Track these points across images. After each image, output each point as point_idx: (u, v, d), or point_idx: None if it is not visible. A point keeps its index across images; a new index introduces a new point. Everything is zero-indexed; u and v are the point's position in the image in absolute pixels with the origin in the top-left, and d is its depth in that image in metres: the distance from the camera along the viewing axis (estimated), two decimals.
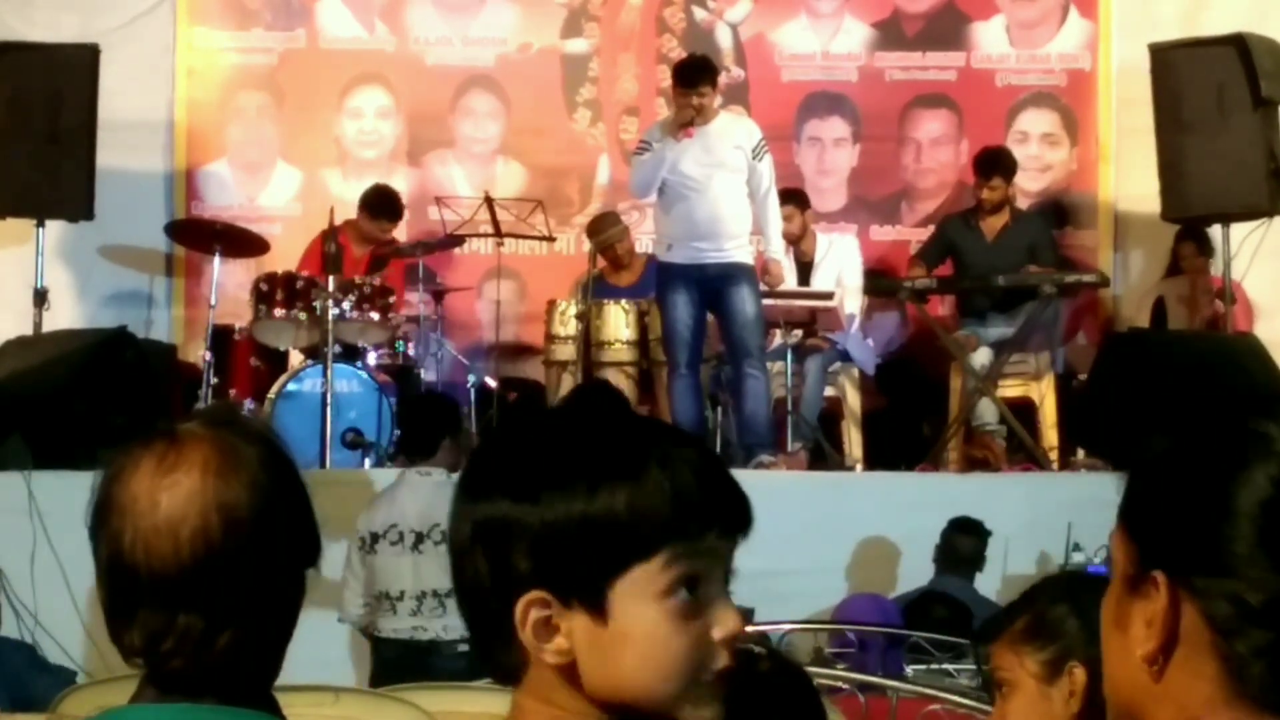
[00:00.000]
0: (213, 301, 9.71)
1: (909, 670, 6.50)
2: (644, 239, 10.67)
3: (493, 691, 3.49)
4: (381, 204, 10.29)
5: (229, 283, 10.27)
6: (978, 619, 7.24)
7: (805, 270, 10.17)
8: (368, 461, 9.22)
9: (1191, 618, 1.43)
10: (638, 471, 1.61)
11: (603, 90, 11.42)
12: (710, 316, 9.22)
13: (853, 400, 10.07)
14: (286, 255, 10.30)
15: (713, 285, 9.00)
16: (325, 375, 9.13)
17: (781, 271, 9.40)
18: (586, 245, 10.48)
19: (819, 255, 10.20)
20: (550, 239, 10.44)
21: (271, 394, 9.41)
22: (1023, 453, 9.55)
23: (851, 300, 10.12)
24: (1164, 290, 10.49)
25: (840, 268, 10.17)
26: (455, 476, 2.06)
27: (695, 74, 9.10)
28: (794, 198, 10.22)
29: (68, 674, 6.99)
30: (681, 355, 9.06)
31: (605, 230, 10.18)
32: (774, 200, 9.19)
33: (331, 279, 9.32)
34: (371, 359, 9.62)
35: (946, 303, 10.70)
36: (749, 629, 6.74)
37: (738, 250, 9.04)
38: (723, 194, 8.97)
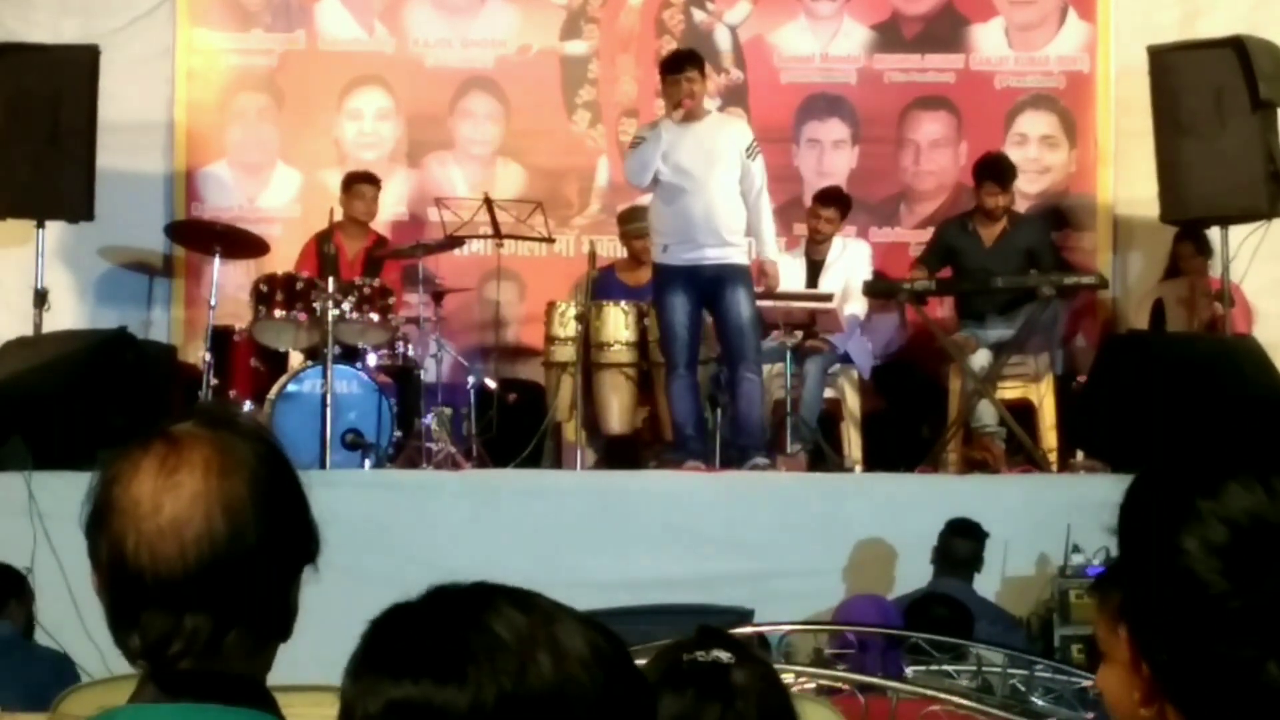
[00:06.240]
0: (212, 302, 9.71)
1: (909, 671, 6.50)
2: None
3: None
4: (352, 176, 10.44)
5: (229, 284, 10.27)
6: (977, 621, 7.25)
7: (815, 270, 10.17)
8: (367, 462, 9.24)
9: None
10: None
11: (602, 92, 11.42)
12: (707, 317, 9.24)
13: (852, 402, 10.07)
14: (286, 256, 10.32)
15: (709, 287, 9.01)
16: (325, 376, 9.15)
17: (778, 272, 9.36)
18: (586, 246, 10.49)
19: (831, 257, 10.19)
20: (550, 240, 10.43)
21: (271, 395, 9.43)
22: (1022, 454, 9.54)
23: (855, 303, 10.10)
24: (1163, 292, 10.48)
25: (849, 271, 10.15)
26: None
27: (679, 61, 9.20)
28: (838, 201, 10.24)
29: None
30: (680, 356, 9.07)
31: (639, 220, 10.18)
32: (766, 201, 9.20)
33: (331, 280, 9.35)
34: (371, 360, 9.63)
35: (946, 305, 10.69)
36: (748, 629, 6.75)
37: (734, 251, 9.05)
38: (718, 191, 8.99)
